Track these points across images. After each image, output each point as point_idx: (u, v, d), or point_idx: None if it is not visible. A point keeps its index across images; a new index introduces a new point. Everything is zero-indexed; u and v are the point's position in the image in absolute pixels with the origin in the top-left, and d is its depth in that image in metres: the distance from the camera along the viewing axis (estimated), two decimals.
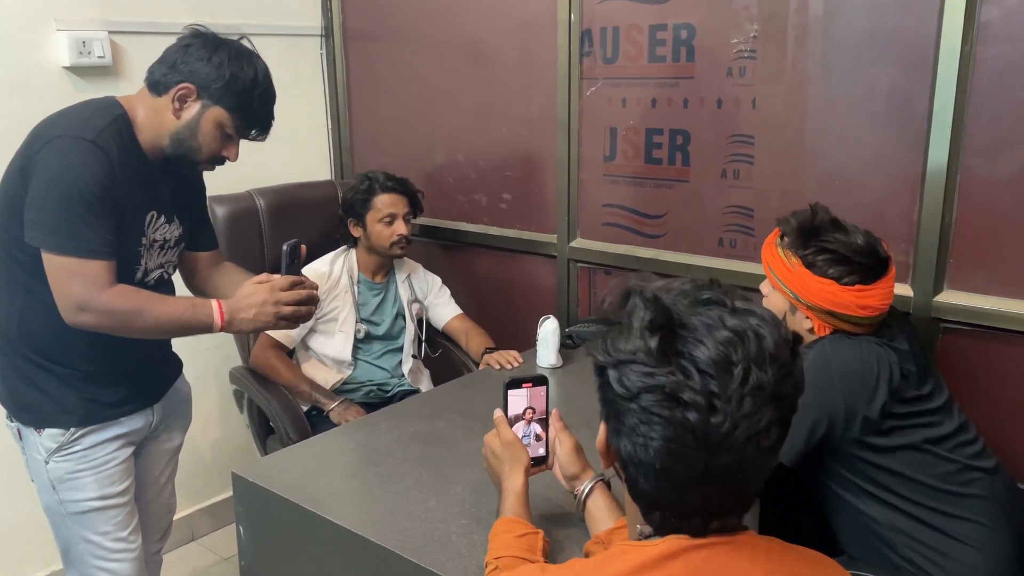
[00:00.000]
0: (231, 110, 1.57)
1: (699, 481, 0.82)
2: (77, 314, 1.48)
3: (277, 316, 1.62)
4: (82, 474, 1.65)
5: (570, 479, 1.37)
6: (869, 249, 1.54)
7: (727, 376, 0.80)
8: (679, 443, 0.80)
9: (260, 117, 1.61)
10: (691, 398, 0.80)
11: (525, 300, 2.71)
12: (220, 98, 1.56)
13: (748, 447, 0.80)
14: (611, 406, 0.85)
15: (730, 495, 0.85)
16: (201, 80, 1.55)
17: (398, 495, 1.54)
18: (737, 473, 0.82)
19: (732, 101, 2.13)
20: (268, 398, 2.29)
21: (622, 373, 0.83)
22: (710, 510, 0.85)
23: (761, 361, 0.81)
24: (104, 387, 1.66)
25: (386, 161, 2.90)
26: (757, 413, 0.80)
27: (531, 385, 1.38)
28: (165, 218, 1.66)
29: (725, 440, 0.80)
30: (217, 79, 1.54)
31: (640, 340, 0.82)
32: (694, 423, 0.80)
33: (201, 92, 1.55)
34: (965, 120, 1.80)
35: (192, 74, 1.55)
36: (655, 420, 0.81)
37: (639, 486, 0.86)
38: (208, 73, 1.54)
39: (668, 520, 0.86)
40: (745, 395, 0.79)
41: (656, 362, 0.81)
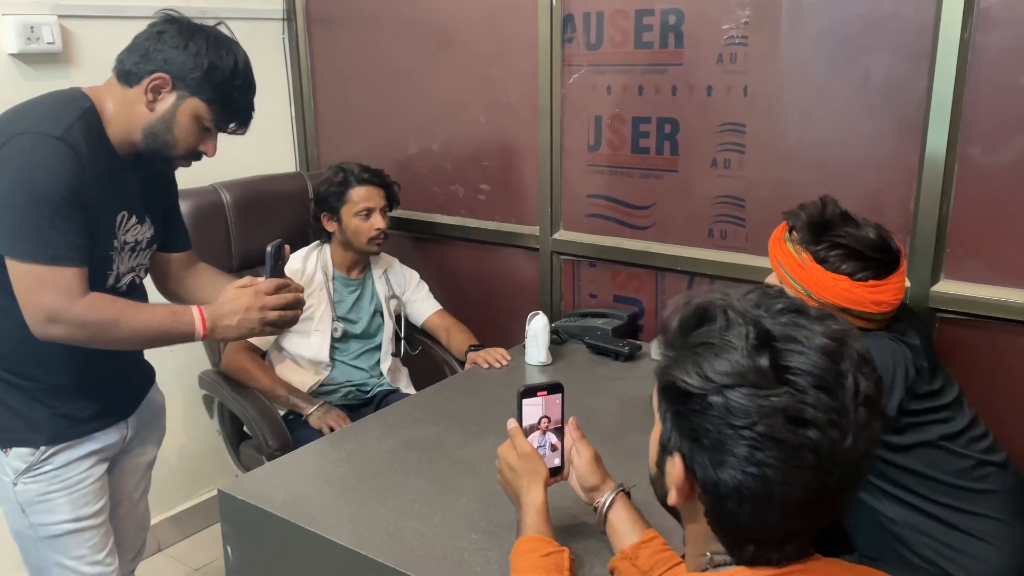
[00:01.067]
0: (209, 102, 1.46)
1: (810, 504, 0.77)
2: (47, 326, 1.36)
3: (263, 322, 1.52)
4: (54, 496, 1.54)
5: (589, 491, 1.30)
6: (881, 243, 1.51)
7: (840, 389, 0.76)
8: (799, 466, 0.75)
9: (240, 109, 1.50)
10: (812, 416, 0.74)
11: (506, 294, 2.63)
12: (197, 89, 1.44)
13: (863, 459, 0.77)
14: (708, 436, 0.78)
15: (828, 515, 0.79)
16: (176, 70, 1.43)
17: (400, 509, 1.46)
18: (847, 489, 0.78)
19: (723, 89, 2.08)
20: (244, 404, 2.18)
21: (729, 399, 0.76)
22: (804, 534, 0.80)
23: (863, 368, 0.77)
24: (75, 401, 1.54)
25: (355, 151, 2.78)
26: (870, 423, 0.77)
27: (546, 393, 1.31)
28: (136, 218, 1.54)
29: (845, 456, 0.76)
30: (194, 68, 1.42)
31: (747, 360, 0.76)
32: (816, 442, 0.75)
33: (177, 83, 1.44)
34: (963, 108, 1.78)
35: (166, 63, 1.43)
36: (773, 445, 0.74)
37: (738, 520, 0.79)
38: (184, 62, 1.42)
39: (761, 552, 0.80)
40: (859, 406, 0.76)
41: (769, 383, 0.75)
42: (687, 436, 0.80)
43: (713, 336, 0.78)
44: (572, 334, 2.31)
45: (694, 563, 0.86)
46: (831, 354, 0.76)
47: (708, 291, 0.85)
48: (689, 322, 0.81)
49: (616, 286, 2.41)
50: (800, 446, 0.74)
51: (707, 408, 0.77)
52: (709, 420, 0.77)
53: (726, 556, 0.82)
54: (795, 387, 0.75)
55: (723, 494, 0.78)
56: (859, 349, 0.78)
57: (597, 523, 1.29)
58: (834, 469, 0.76)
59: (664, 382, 0.81)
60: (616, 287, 2.41)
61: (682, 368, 0.79)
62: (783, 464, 0.74)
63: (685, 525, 0.88)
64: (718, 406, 0.76)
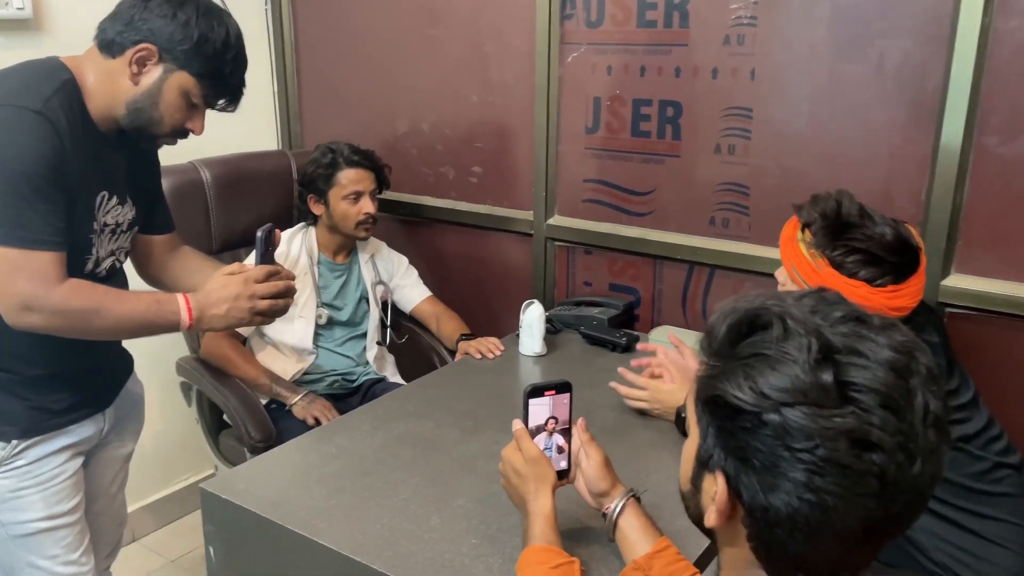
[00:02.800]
0: (199, 76, 1.35)
1: (869, 532, 0.70)
2: (22, 314, 1.26)
3: (252, 312, 1.43)
4: (27, 492, 1.44)
5: (598, 496, 1.23)
6: (900, 244, 1.43)
7: (909, 409, 0.68)
8: (862, 493, 0.68)
9: (232, 84, 1.40)
10: (879, 439, 0.67)
11: (497, 281, 2.55)
12: (186, 62, 1.34)
13: (929, 485, 0.70)
14: (760, 456, 0.70)
15: (885, 542, 0.73)
16: (164, 40, 1.32)
17: (395, 511, 1.38)
18: (909, 517, 0.72)
19: (729, 71, 2.00)
20: (225, 393, 2.09)
21: (787, 418, 0.68)
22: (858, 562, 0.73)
23: (931, 385, 0.70)
24: (51, 393, 1.44)
25: (340, 130, 2.68)
26: (939, 446, 0.70)
27: (554, 393, 1.23)
28: (117, 199, 1.44)
29: (912, 482, 0.69)
30: (183, 40, 1.32)
31: (809, 376, 0.68)
32: (882, 468, 0.67)
33: (164, 54, 1.33)
34: (980, 96, 1.72)
35: (153, 33, 1.32)
36: (835, 471, 0.67)
37: (787, 547, 0.72)
38: (173, 32, 1.32)
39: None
40: (928, 427, 0.69)
41: (832, 401, 0.67)
42: (733, 455, 0.72)
43: (768, 347, 0.70)
44: (567, 323, 2.23)
45: None
46: (899, 369, 0.69)
47: (757, 294, 0.76)
48: (740, 329, 0.73)
49: (612, 274, 2.33)
50: (864, 472, 0.67)
51: (760, 427, 0.70)
52: (761, 440, 0.70)
53: None
54: (860, 406, 0.67)
55: (773, 520, 0.71)
56: (927, 363, 0.70)
57: (607, 530, 1.22)
58: (898, 496, 0.69)
59: (709, 394, 0.73)
60: (612, 275, 2.33)
61: (732, 381, 0.71)
62: (844, 491, 0.67)
63: (721, 548, 0.81)
64: (774, 425, 0.69)
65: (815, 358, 0.68)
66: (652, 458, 1.57)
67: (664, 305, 2.26)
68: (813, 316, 0.71)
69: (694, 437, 0.79)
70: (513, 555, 1.26)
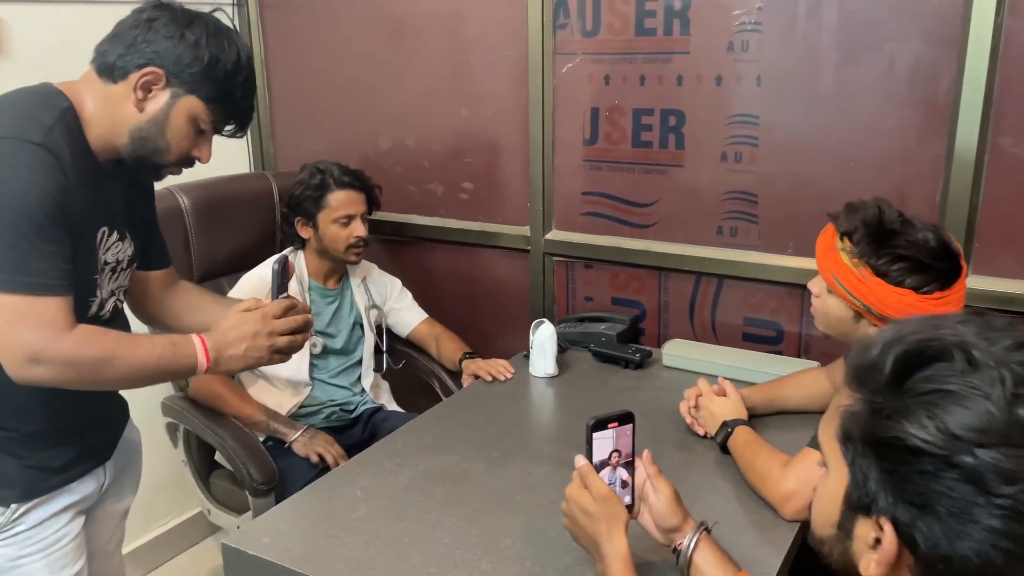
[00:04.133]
0: (208, 101, 1.25)
1: None
2: (29, 368, 1.13)
3: (272, 349, 1.32)
4: (29, 560, 1.31)
5: (668, 531, 1.16)
6: (943, 249, 1.41)
7: None
8: None
9: (242, 109, 1.30)
10: None
11: (493, 300, 2.47)
12: (196, 86, 1.23)
13: None
14: (944, 502, 0.64)
15: None
16: (171, 63, 1.21)
17: (440, 558, 1.29)
18: None
19: (733, 78, 1.96)
20: (220, 433, 1.96)
21: (982, 461, 0.62)
22: None
23: None
24: (49, 449, 1.31)
25: (318, 149, 2.57)
26: None
27: (617, 424, 1.16)
28: (117, 234, 1.32)
29: None
30: (193, 62, 1.21)
31: (1006, 413, 0.62)
32: None
33: (171, 79, 1.22)
34: (994, 97, 1.71)
35: (159, 55, 1.21)
36: None
37: None
38: (181, 55, 1.21)
39: None
40: None
41: None
42: (908, 501, 0.66)
43: (952, 381, 0.64)
44: (573, 341, 2.17)
45: None
46: None
47: (913, 320, 0.70)
48: (912, 362, 0.67)
49: (615, 288, 2.27)
50: None
51: (945, 470, 0.63)
52: (948, 484, 0.63)
53: None
54: None
55: (957, 570, 0.65)
56: None
57: (681, 568, 1.15)
58: None
59: (881, 435, 0.67)
60: (615, 289, 2.28)
61: (912, 420, 0.64)
62: None
63: None
64: (967, 469, 0.62)
65: (1012, 393, 0.62)
66: (693, 482, 1.51)
67: (671, 318, 2.21)
68: (985, 342, 0.65)
69: (838, 478, 0.73)
70: None
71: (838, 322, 1.50)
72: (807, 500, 1.36)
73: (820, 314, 1.54)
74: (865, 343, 0.72)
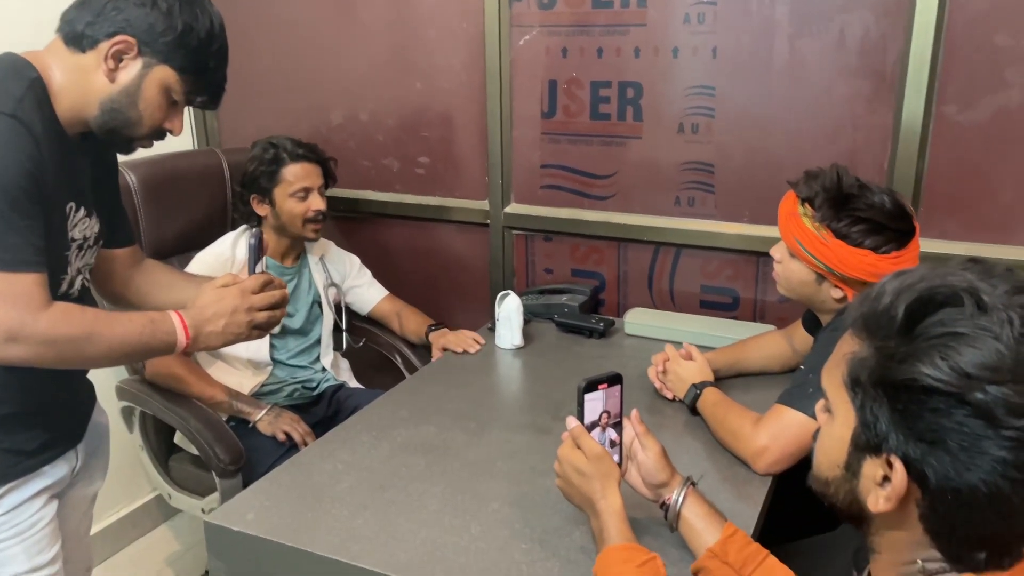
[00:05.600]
0: (182, 70, 1.22)
1: None
2: (4, 347, 1.09)
3: (250, 325, 1.31)
4: (5, 545, 1.28)
5: (657, 487, 1.20)
6: (898, 211, 1.48)
7: None
8: None
9: (215, 80, 1.28)
10: None
11: (452, 274, 2.47)
12: (169, 55, 1.20)
13: None
14: (955, 437, 0.68)
15: None
16: (143, 32, 1.18)
17: (429, 524, 1.30)
18: None
19: (690, 50, 2.00)
20: (182, 415, 1.91)
21: (993, 397, 0.66)
22: None
23: None
24: (22, 432, 1.27)
25: (265, 125, 2.51)
26: None
27: (607, 386, 1.18)
28: (84, 210, 1.28)
29: None
30: (166, 31, 1.18)
31: (1014, 352, 0.66)
32: None
33: (143, 48, 1.19)
34: (939, 66, 1.79)
35: (129, 24, 1.17)
36: None
37: (973, 526, 0.71)
38: (154, 23, 1.17)
39: (993, 559, 0.72)
40: None
41: None
42: (919, 438, 0.70)
43: (962, 324, 0.68)
44: (535, 313, 2.19)
45: (896, 571, 0.77)
46: None
47: (917, 270, 0.74)
48: (923, 308, 0.71)
49: (575, 260, 2.30)
50: None
51: (957, 407, 0.67)
52: (958, 420, 0.67)
53: (943, 563, 0.74)
54: None
55: (966, 501, 0.69)
56: None
57: (670, 521, 1.19)
58: None
59: (895, 378, 0.71)
60: (574, 261, 2.31)
61: (924, 362, 0.68)
62: None
63: (879, 532, 0.79)
64: (978, 405, 0.67)
65: (1020, 332, 0.67)
66: (665, 443, 1.54)
67: (630, 288, 2.25)
68: (994, 290, 0.70)
69: (845, 422, 0.77)
70: (569, 556, 1.22)
71: (800, 285, 1.56)
72: (779, 454, 1.42)
73: (783, 278, 1.60)
74: (871, 294, 0.76)
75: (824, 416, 0.83)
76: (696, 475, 1.23)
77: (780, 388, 1.52)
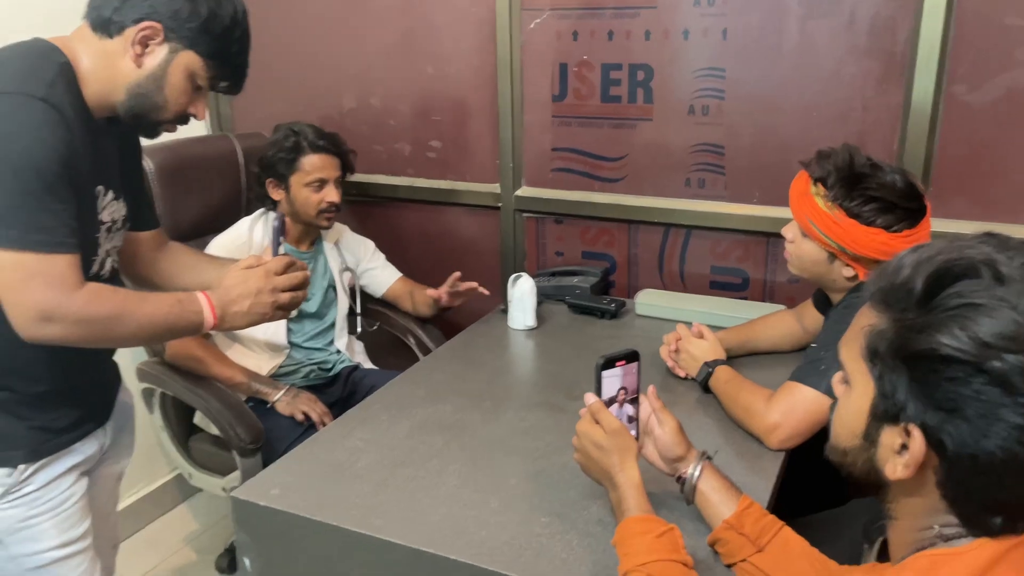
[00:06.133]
0: (207, 56, 1.24)
1: None
2: (41, 326, 1.13)
3: (274, 305, 1.35)
4: (38, 520, 1.31)
5: (673, 461, 1.23)
6: (910, 189, 1.50)
7: None
8: None
9: (238, 65, 1.30)
10: None
11: (463, 257, 2.49)
12: (194, 41, 1.22)
13: None
14: (973, 405, 0.70)
15: None
16: (169, 18, 1.20)
17: (450, 499, 1.33)
18: None
19: (700, 32, 2.01)
20: (203, 396, 1.95)
21: (1011, 365, 0.69)
22: None
23: None
24: (53, 410, 1.31)
25: (278, 110, 2.54)
26: None
27: (624, 362, 1.21)
28: (112, 193, 1.31)
29: None
30: (191, 16, 1.20)
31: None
32: None
33: (169, 33, 1.21)
34: (949, 46, 1.80)
35: (155, 9, 1.20)
36: None
37: (991, 492, 0.73)
38: (179, 9, 1.20)
39: (1008, 523, 0.74)
40: None
41: None
42: (937, 406, 0.73)
43: (979, 295, 0.71)
44: (547, 295, 2.21)
45: (914, 537, 0.80)
46: None
47: (935, 244, 0.76)
48: (942, 280, 0.73)
49: (585, 242, 2.33)
50: None
51: (975, 375, 0.70)
52: (976, 388, 0.70)
53: (959, 528, 0.77)
54: None
55: (983, 467, 0.72)
56: None
57: (686, 495, 1.22)
58: None
59: (914, 348, 0.73)
60: (585, 243, 2.33)
61: (942, 332, 0.71)
62: None
63: (897, 499, 0.81)
64: (995, 373, 0.69)
65: None
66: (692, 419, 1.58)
67: (640, 269, 2.28)
68: (1011, 262, 0.72)
69: (863, 392, 0.79)
70: (588, 529, 1.25)
71: (812, 264, 1.58)
72: (791, 430, 1.45)
73: (795, 258, 1.62)
74: (889, 268, 0.78)
75: (841, 388, 0.85)
76: (712, 450, 1.26)
77: (791, 367, 1.55)
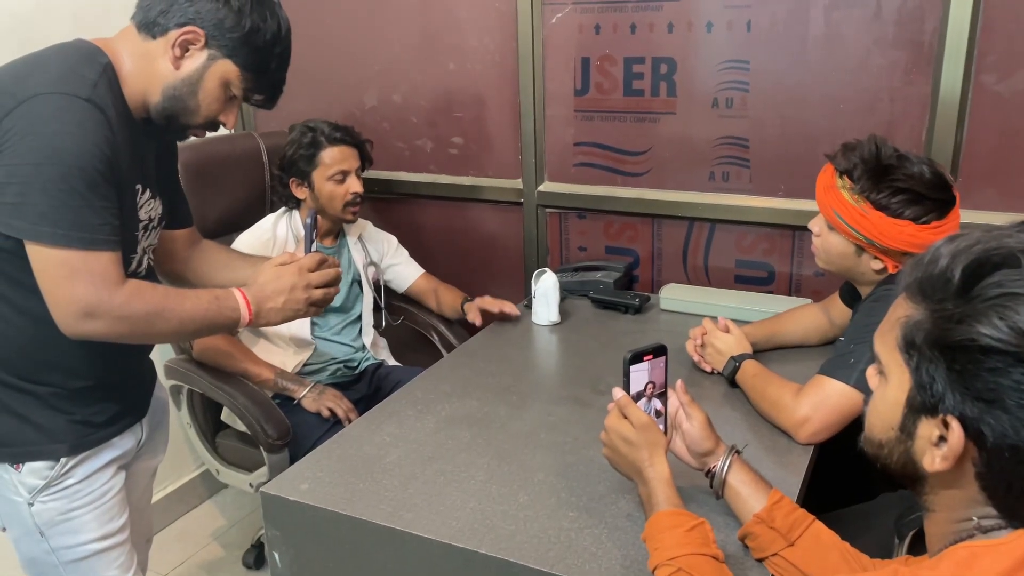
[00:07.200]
0: (244, 68, 1.26)
1: None
2: (83, 322, 1.15)
3: (308, 302, 1.37)
4: (78, 512, 1.34)
5: (702, 456, 1.23)
6: (938, 181, 1.48)
7: None
8: None
9: (274, 81, 1.32)
10: None
11: (486, 253, 2.50)
12: (233, 51, 1.24)
13: None
14: (1016, 396, 0.69)
15: None
16: (212, 26, 1.22)
17: (479, 494, 1.34)
18: None
19: (724, 24, 2.00)
20: (231, 392, 1.97)
21: None
22: None
23: None
24: (93, 404, 1.34)
25: (300, 108, 2.55)
26: None
27: (651, 357, 1.21)
28: (150, 192, 1.33)
29: None
30: (234, 28, 1.22)
31: None
32: None
33: (211, 40, 1.23)
34: (977, 35, 1.78)
35: (200, 16, 1.22)
36: None
37: None
38: (224, 18, 1.22)
39: None
40: None
41: None
42: (976, 397, 0.72)
43: (1019, 284, 0.70)
44: (571, 290, 2.21)
45: (951, 528, 0.79)
46: None
47: (972, 234, 0.75)
48: (980, 270, 0.72)
49: (608, 237, 2.32)
50: None
51: (1015, 365, 0.69)
52: (1016, 378, 0.69)
53: (998, 520, 0.76)
54: None
55: (1022, 457, 0.71)
56: None
57: (715, 489, 1.21)
58: None
59: (952, 339, 0.72)
60: (608, 238, 2.32)
61: (981, 322, 0.70)
62: None
63: (934, 491, 0.81)
64: None
65: None
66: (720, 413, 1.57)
67: (664, 264, 2.27)
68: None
69: (899, 384, 0.79)
70: (616, 524, 1.25)
71: (840, 257, 1.57)
72: (820, 424, 1.44)
73: (821, 251, 1.61)
74: (925, 258, 0.77)
75: (876, 380, 0.85)
76: (741, 444, 1.26)
77: (818, 361, 1.54)
